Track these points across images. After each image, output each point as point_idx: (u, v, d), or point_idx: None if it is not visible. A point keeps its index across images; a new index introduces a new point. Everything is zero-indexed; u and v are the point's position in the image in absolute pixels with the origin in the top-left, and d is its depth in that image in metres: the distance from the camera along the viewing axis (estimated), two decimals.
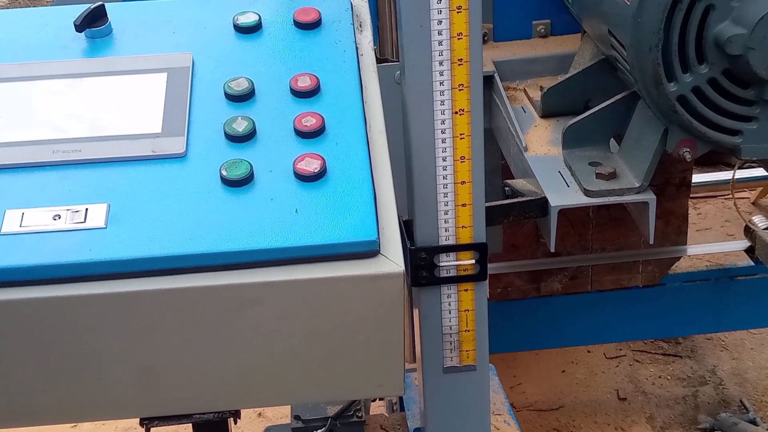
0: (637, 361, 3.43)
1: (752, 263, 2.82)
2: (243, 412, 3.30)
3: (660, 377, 3.35)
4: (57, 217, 1.32)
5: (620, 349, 3.47)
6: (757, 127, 1.82)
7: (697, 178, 3.15)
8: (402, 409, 2.07)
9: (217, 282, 1.29)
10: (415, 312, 1.67)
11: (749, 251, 2.45)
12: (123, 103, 1.46)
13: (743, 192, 3.68)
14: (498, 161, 2.37)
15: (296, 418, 1.82)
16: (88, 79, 1.49)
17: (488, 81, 2.27)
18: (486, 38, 2.40)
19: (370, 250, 1.30)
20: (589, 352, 3.46)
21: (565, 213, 2.65)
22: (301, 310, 1.32)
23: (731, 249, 2.68)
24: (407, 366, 1.78)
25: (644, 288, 2.81)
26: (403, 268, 1.30)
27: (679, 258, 2.79)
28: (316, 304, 1.32)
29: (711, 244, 2.73)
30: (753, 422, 3.03)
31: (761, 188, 3.46)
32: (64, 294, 1.27)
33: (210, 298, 1.30)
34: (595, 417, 3.20)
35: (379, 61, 1.90)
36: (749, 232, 2.44)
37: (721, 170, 3.56)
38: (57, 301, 1.28)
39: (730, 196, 3.41)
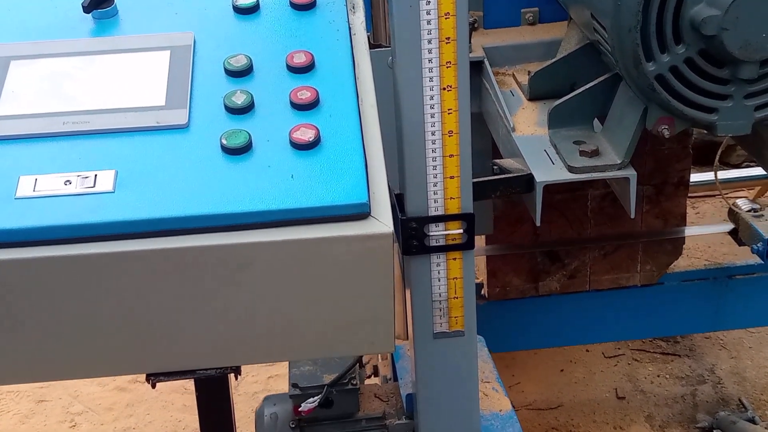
0: (636, 360, 3.48)
1: (750, 262, 2.92)
2: (241, 411, 3.40)
3: (659, 376, 3.40)
4: (68, 183, 1.40)
5: (619, 348, 3.52)
6: (731, 105, 1.91)
7: (695, 177, 3.14)
8: (395, 380, 2.16)
9: (218, 242, 1.37)
10: (407, 292, 1.77)
11: (733, 233, 2.54)
12: (129, 79, 1.55)
13: (742, 191, 3.75)
14: (489, 144, 2.46)
15: (294, 386, 1.89)
16: (96, 57, 1.59)
17: (478, 66, 2.37)
18: (476, 25, 2.49)
19: (361, 212, 1.40)
20: (587, 351, 3.52)
21: (563, 212, 2.75)
22: (296, 269, 1.41)
23: (718, 231, 2.73)
24: (400, 342, 1.89)
25: (642, 287, 2.88)
26: (392, 229, 1.40)
27: (677, 257, 2.85)
28: (311, 263, 1.40)
29: (698, 226, 2.79)
30: (752, 421, 3.09)
31: (759, 187, 3.53)
32: (74, 253, 1.36)
33: (211, 257, 1.38)
34: (593, 416, 3.25)
35: (372, 46, 2.02)
36: (733, 214, 2.52)
37: (719, 169, 3.61)
38: (68, 260, 1.36)
39: (729, 193, 3.47)
